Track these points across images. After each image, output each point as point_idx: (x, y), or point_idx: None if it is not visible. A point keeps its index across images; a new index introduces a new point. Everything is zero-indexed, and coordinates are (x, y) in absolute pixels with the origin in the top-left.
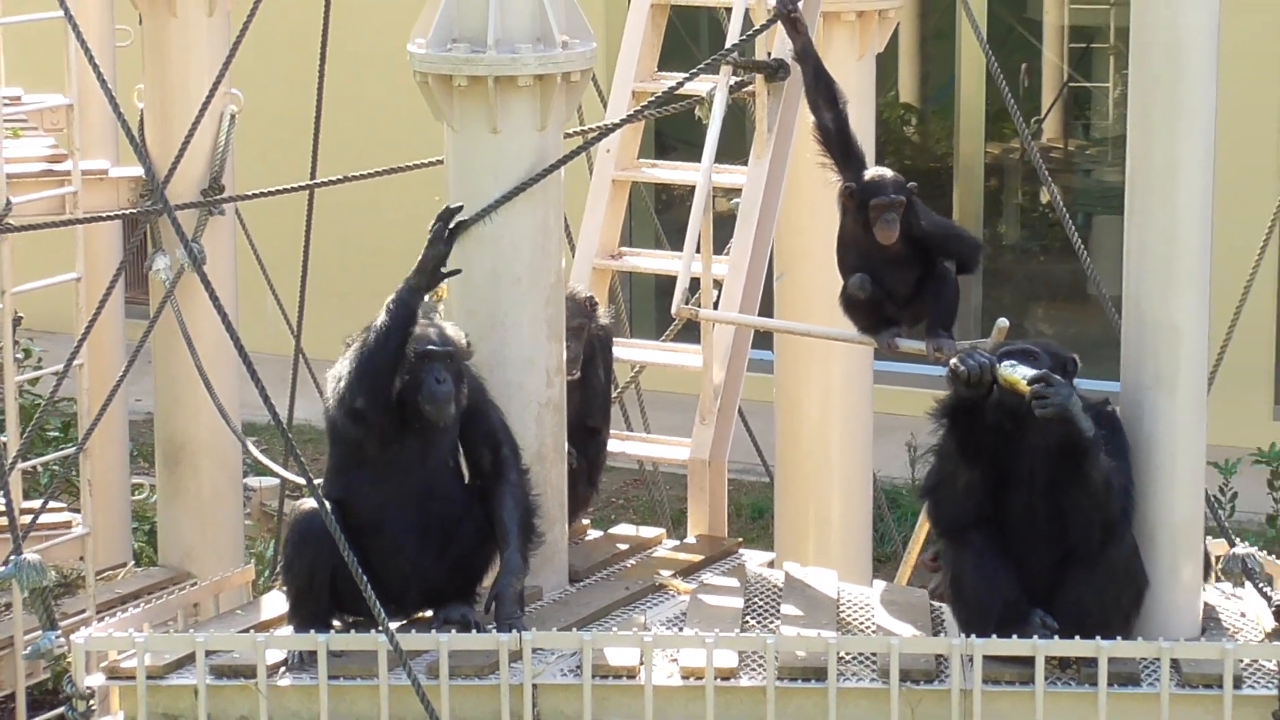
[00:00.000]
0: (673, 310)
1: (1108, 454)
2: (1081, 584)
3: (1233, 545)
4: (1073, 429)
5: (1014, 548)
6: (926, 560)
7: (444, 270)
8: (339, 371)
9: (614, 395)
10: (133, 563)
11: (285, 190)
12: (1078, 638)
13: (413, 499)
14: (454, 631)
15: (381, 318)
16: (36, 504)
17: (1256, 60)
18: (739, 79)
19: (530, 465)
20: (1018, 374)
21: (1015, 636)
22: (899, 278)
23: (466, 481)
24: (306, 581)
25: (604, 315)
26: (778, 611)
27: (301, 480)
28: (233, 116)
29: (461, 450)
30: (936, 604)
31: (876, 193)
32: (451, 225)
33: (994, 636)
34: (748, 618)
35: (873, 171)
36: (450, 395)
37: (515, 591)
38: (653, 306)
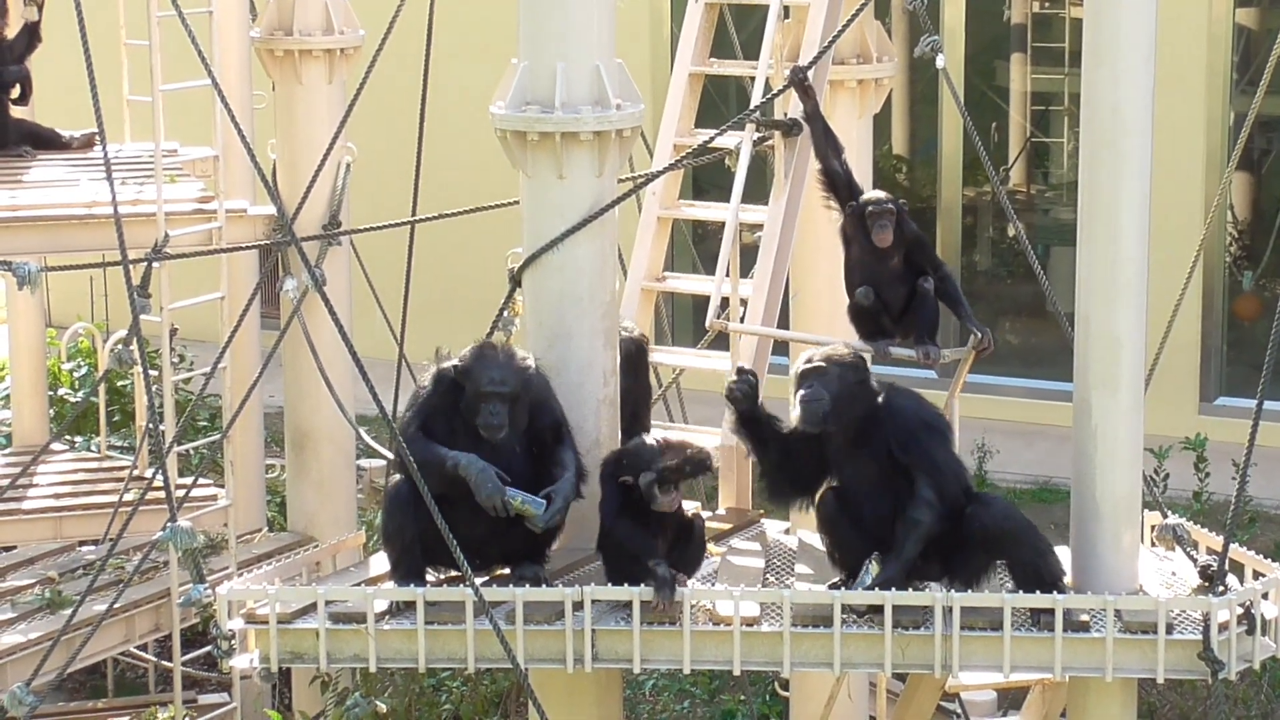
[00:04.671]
0: (707, 323)
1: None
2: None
3: (1165, 517)
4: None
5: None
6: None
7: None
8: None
9: (656, 394)
10: (266, 529)
11: (391, 225)
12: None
13: None
14: (527, 586)
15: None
16: (189, 480)
17: (1185, 119)
18: (761, 135)
19: (589, 450)
20: None
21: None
22: (894, 292)
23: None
24: (399, 544)
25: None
26: (792, 570)
27: None
28: (348, 165)
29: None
30: None
31: (873, 202)
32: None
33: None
34: (768, 575)
35: (868, 193)
36: (502, 424)
37: (565, 498)
38: (691, 320)
